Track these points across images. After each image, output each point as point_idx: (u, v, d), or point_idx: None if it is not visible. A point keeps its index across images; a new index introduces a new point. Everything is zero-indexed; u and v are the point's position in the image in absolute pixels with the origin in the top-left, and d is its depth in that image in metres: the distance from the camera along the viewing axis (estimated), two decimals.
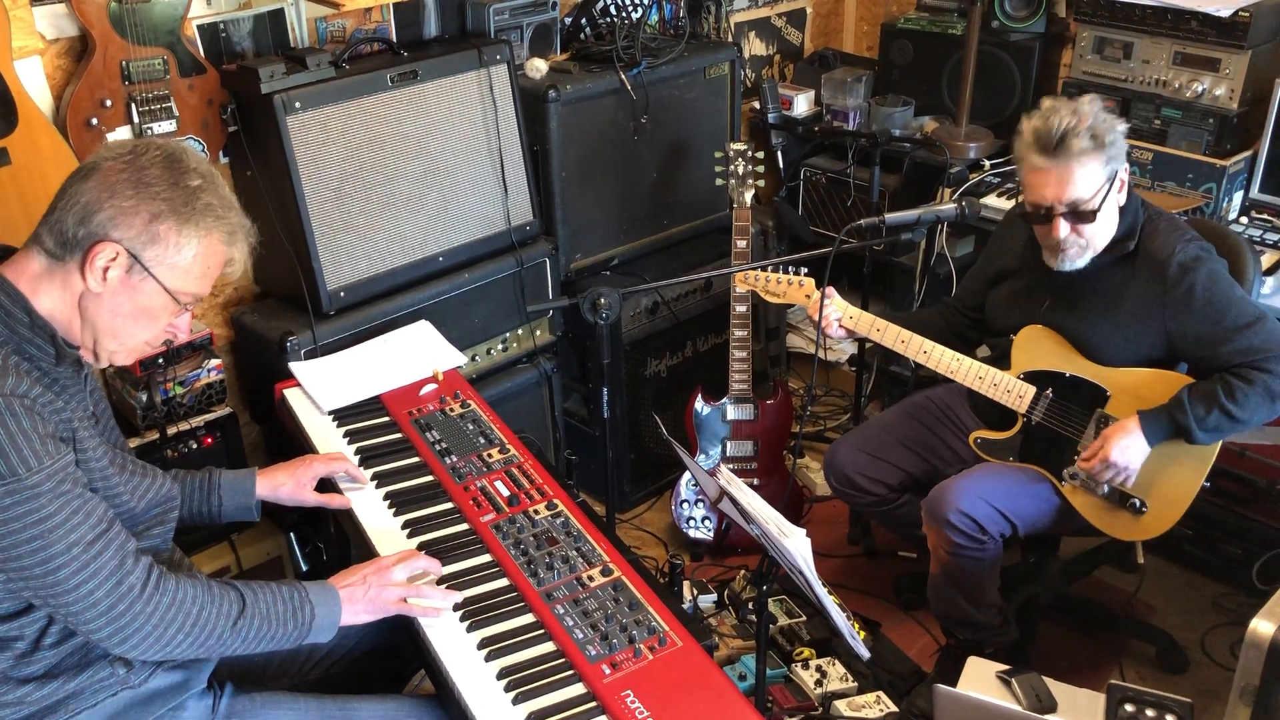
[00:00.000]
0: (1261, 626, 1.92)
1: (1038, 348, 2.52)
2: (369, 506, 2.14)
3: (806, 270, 2.73)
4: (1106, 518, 2.48)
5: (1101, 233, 2.39)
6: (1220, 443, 2.39)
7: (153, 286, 1.64)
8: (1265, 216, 3.22)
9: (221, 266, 1.71)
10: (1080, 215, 2.34)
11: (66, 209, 1.60)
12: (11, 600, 1.61)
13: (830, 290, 2.65)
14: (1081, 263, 2.42)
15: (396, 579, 1.84)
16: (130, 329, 1.68)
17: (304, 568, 2.73)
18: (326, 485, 2.19)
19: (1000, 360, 2.59)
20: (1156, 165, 3.32)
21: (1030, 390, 2.51)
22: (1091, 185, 2.32)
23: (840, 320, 2.65)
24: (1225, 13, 3.14)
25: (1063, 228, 2.35)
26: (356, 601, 1.80)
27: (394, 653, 2.10)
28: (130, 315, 1.66)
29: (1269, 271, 2.87)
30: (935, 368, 2.58)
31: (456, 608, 1.84)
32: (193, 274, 1.67)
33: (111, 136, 2.50)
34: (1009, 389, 2.53)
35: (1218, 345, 2.33)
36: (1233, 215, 3.27)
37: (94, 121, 2.48)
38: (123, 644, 1.61)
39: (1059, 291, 2.51)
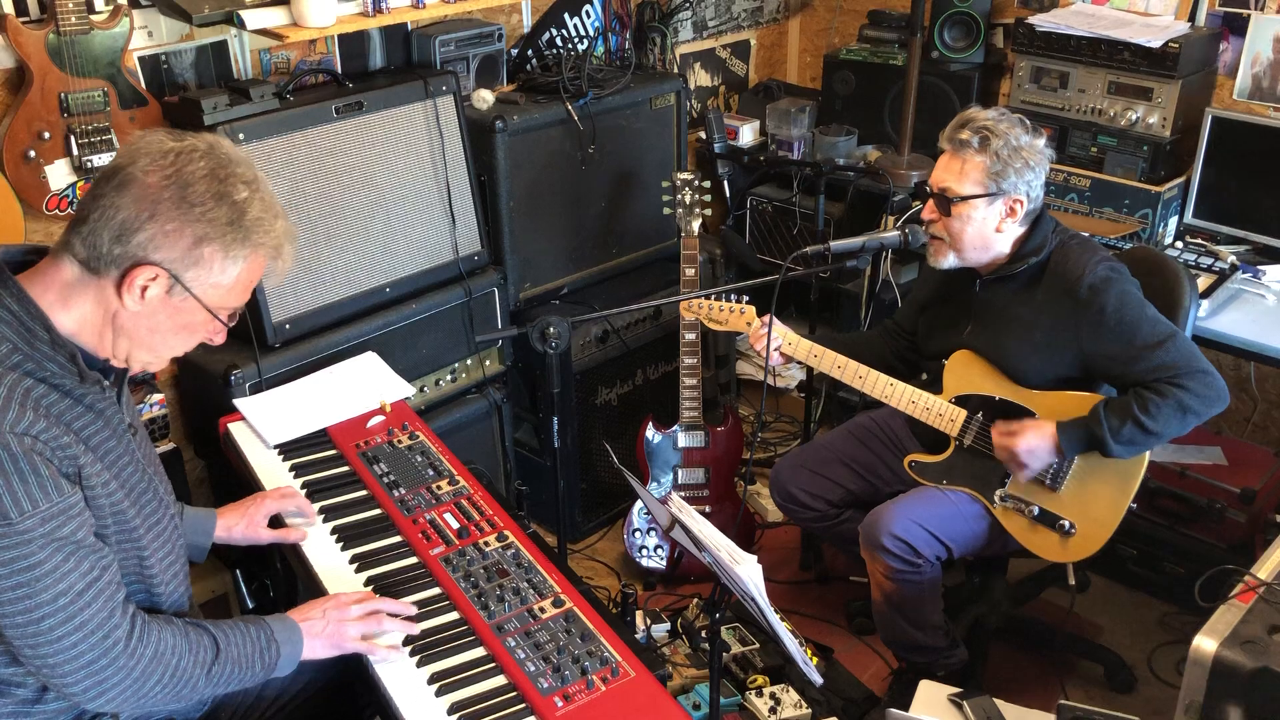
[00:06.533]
0: (1204, 644, 1.94)
1: (968, 372, 2.56)
2: (316, 541, 2.11)
3: (748, 299, 2.76)
4: (1036, 539, 2.52)
5: (965, 240, 2.46)
6: (1145, 466, 2.43)
7: (193, 305, 1.58)
8: (1199, 241, 3.29)
9: (261, 275, 1.65)
10: (940, 202, 2.45)
11: (101, 223, 1.50)
12: None
13: (768, 318, 2.69)
14: (946, 263, 2.51)
15: (354, 615, 1.82)
16: (168, 343, 1.63)
17: (250, 605, 2.68)
18: (278, 521, 2.16)
19: (934, 384, 2.62)
20: (1094, 191, 3.39)
21: (961, 414, 2.55)
22: (962, 180, 2.42)
23: (780, 347, 2.68)
24: (1156, 44, 3.23)
25: (928, 210, 2.48)
26: (316, 637, 1.79)
27: (347, 693, 2.07)
28: (169, 331, 1.61)
29: (1205, 294, 2.94)
30: (870, 392, 2.62)
31: (406, 641, 1.82)
32: (235, 290, 1.61)
33: (50, 169, 2.47)
34: (940, 413, 2.57)
35: (1130, 364, 2.36)
36: (1168, 240, 3.35)
37: (31, 154, 2.44)
38: (99, 697, 1.56)
39: (978, 315, 2.56)
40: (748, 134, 4.05)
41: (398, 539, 2.09)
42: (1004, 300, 2.52)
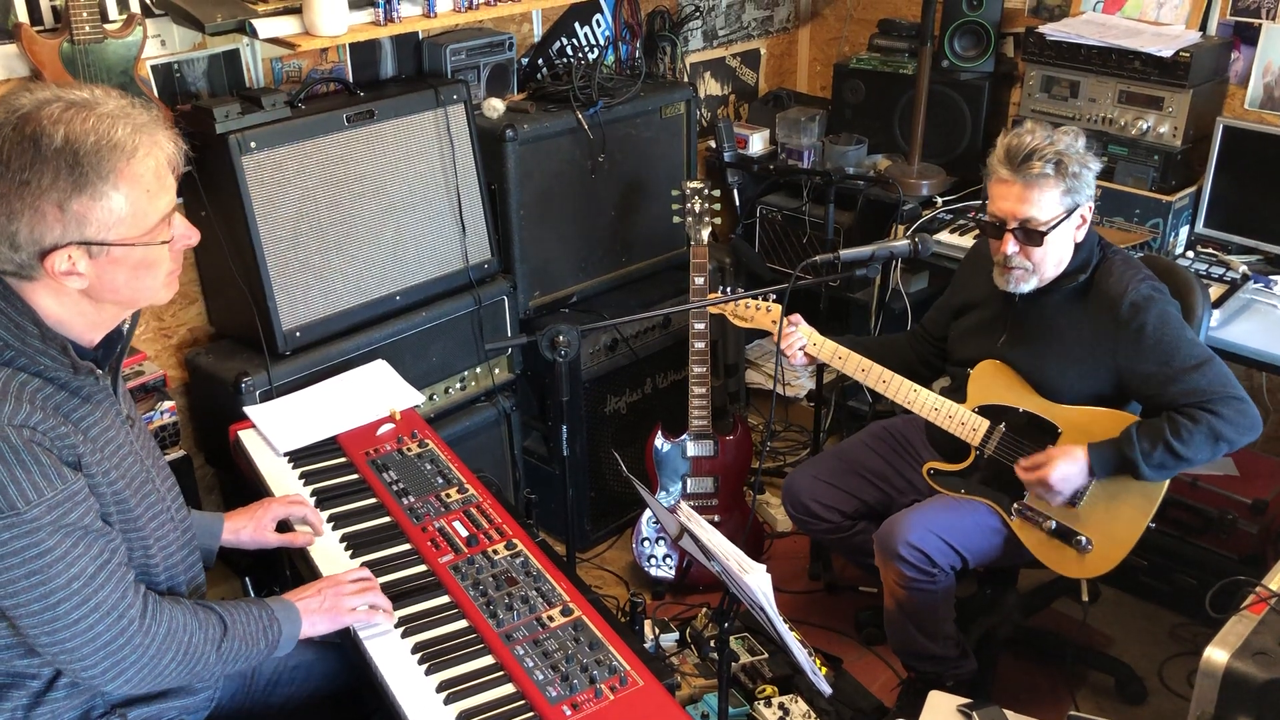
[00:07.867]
0: (1215, 655, 1.93)
1: (993, 382, 2.55)
2: (326, 549, 2.11)
3: (775, 297, 2.75)
4: (1052, 554, 2.50)
5: (1049, 261, 2.43)
6: (1166, 486, 2.43)
7: (122, 249, 1.51)
8: (1210, 251, 3.28)
9: (161, 173, 1.54)
10: (1030, 236, 2.39)
11: None
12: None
13: (796, 317, 2.69)
14: (1026, 287, 2.46)
15: (350, 590, 1.88)
16: (142, 284, 1.57)
17: None
18: (285, 526, 2.17)
19: (958, 392, 2.61)
20: (1104, 201, 3.38)
21: (984, 424, 2.54)
22: (1046, 209, 2.37)
23: (804, 347, 2.68)
24: (1167, 53, 3.22)
25: (1011, 244, 2.41)
26: (314, 613, 1.84)
27: (355, 700, 2.07)
28: (131, 277, 1.55)
29: (1216, 304, 2.93)
30: (893, 397, 2.61)
31: (415, 649, 1.83)
32: (141, 210, 1.52)
33: None
34: (963, 421, 2.56)
35: (1166, 385, 2.36)
36: (1179, 250, 3.34)
37: None
38: (117, 678, 1.58)
39: (1015, 325, 2.55)
40: (757, 143, 4.05)
41: (407, 547, 2.10)
42: (1044, 312, 2.51)
